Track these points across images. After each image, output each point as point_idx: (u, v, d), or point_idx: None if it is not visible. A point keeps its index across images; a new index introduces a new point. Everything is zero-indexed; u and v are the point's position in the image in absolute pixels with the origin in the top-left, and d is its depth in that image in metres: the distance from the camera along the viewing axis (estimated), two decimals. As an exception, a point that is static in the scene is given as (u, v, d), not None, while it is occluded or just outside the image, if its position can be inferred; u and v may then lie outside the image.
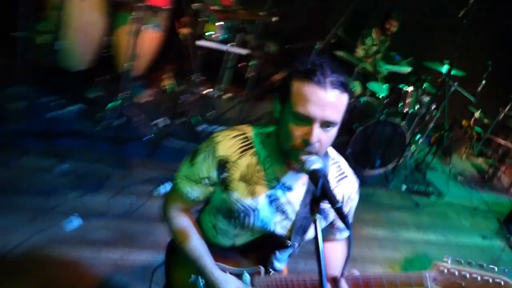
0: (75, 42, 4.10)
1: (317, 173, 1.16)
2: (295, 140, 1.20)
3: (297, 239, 1.41)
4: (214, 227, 1.48)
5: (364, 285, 1.35)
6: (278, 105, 1.28)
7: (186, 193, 1.40)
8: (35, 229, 2.71)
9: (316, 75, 1.15)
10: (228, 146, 1.34)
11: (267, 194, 1.35)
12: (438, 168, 5.86)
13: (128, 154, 3.69)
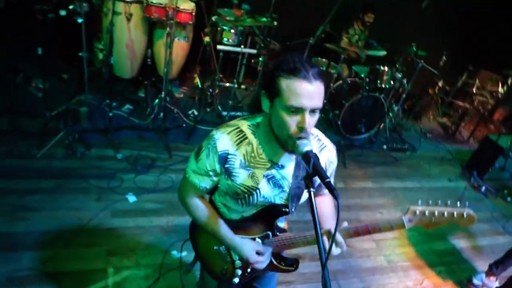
0: (125, 56, 4.06)
1: (309, 154, 1.10)
2: (291, 129, 1.12)
3: (293, 205, 1.36)
4: (225, 206, 1.42)
5: (354, 233, 1.32)
6: (267, 101, 1.17)
7: (197, 184, 1.32)
8: (100, 207, 2.73)
9: (301, 71, 1.07)
10: (226, 141, 1.24)
11: (264, 175, 1.28)
12: (411, 128, 5.67)
13: (170, 140, 3.64)
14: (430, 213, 1.22)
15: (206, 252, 1.56)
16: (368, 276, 2.84)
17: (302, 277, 2.64)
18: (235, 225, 1.41)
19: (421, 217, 1.23)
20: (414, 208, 1.23)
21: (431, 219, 1.23)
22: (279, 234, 1.44)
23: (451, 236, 3.53)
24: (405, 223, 1.25)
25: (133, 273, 2.33)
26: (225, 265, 1.53)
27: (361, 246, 3.11)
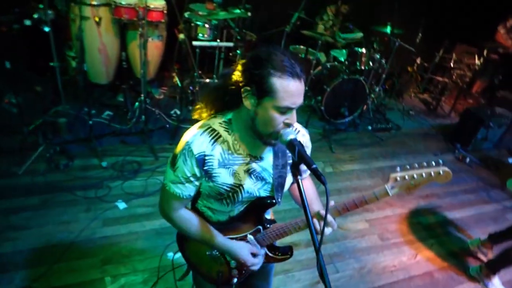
0: (98, 61, 4.00)
1: (293, 142, 1.11)
2: (279, 126, 1.13)
3: (279, 195, 1.36)
4: (210, 209, 1.39)
5: (342, 210, 1.35)
6: (253, 99, 1.13)
7: (179, 194, 1.26)
8: (90, 217, 2.72)
9: (293, 70, 1.07)
10: (200, 142, 1.20)
11: (245, 170, 1.27)
12: (394, 107, 5.77)
13: (154, 142, 3.62)
14: (409, 176, 1.26)
15: (199, 260, 1.54)
16: (364, 256, 2.91)
17: (299, 264, 2.70)
18: (224, 227, 1.40)
19: (402, 182, 1.27)
20: (395, 175, 1.27)
21: (411, 182, 1.27)
22: (270, 226, 1.46)
23: (440, 210, 3.64)
24: (388, 191, 1.28)
25: (131, 279, 2.33)
26: (220, 267, 1.52)
27: (354, 228, 3.19)
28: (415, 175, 1.26)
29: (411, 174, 1.26)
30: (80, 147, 3.38)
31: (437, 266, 2.94)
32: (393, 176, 1.27)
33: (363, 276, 2.73)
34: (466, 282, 2.84)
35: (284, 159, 1.34)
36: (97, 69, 4.04)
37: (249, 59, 1.14)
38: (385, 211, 3.47)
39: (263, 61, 1.09)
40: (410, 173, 1.26)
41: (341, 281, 2.65)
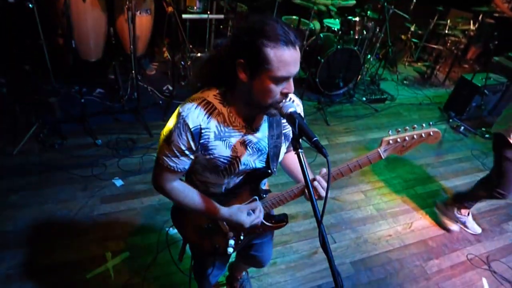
0: (86, 38, 3.89)
1: (293, 115, 1.11)
2: (276, 96, 1.12)
3: (274, 165, 1.36)
4: (205, 183, 1.38)
5: (337, 175, 1.37)
6: (248, 71, 1.10)
7: (173, 167, 1.25)
8: (88, 195, 2.74)
9: (287, 38, 1.04)
10: (196, 116, 1.17)
11: (241, 142, 1.26)
12: (388, 77, 5.74)
13: (148, 119, 3.60)
14: (401, 139, 1.31)
15: (195, 234, 1.56)
16: (360, 226, 2.98)
17: (296, 235, 2.76)
18: (220, 199, 1.41)
19: (394, 145, 1.32)
20: (387, 139, 1.32)
21: (403, 144, 1.33)
22: (265, 195, 1.47)
23: (434, 179, 3.70)
24: (381, 154, 1.32)
25: (131, 254, 2.38)
26: (216, 239, 1.55)
27: (351, 199, 3.24)
28: (406, 137, 1.31)
29: (403, 137, 1.31)
30: (73, 126, 3.35)
31: (431, 234, 3.02)
32: (386, 139, 1.32)
33: (359, 246, 2.80)
34: (459, 249, 2.93)
35: (278, 129, 1.34)
36: (85, 46, 3.93)
37: (241, 30, 1.10)
38: (380, 182, 3.52)
39: (255, 32, 1.06)
40: (402, 136, 1.31)
41: (338, 251, 2.72)
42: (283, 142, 1.37)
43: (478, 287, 2.66)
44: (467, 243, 3.00)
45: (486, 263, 2.83)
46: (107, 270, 2.27)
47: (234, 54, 1.11)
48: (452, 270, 2.75)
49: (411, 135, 1.32)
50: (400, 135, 1.31)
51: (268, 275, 2.44)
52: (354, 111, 4.71)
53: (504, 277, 2.74)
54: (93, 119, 3.43)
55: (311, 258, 2.61)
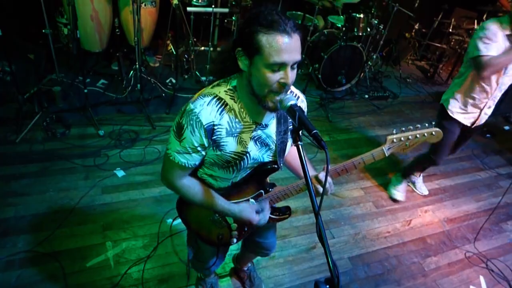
0: (91, 28, 3.88)
1: (293, 108, 1.10)
2: (273, 85, 1.10)
3: (281, 160, 1.38)
4: (212, 177, 1.39)
5: (341, 171, 1.40)
6: (245, 60, 1.11)
7: (185, 163, 1.25)
8: (89, 185, 2.74)
9: (280, 25, 1.03)
10: (208, 112, 1.17)
11: (250, 137, 1.27)
12: (391, 75, 5.71)
13: (151, 111, 3.59)
14: (405, 138, 1.35)
15: (200, 224, 1.57)
16: (359, 222, 2.97)
17: (295, 230, 2.76)
18: (226, 192, 1.41)
19: (398, 143, 1.36)
20: (392, 137, 1.35)
21: (406, 143, 1.37)
22: (271, 189, 1.48)
23: (434, 177, 3.69)
24: (385, 151, 1.35)
25: (131, 244, 2.39)
26: (221, 230, 1.56)
27: (350, 195, 3.23)
28: (410, 136, 1.35)
29: (406, 136, 1.35)
30: (76, 116, 3.35)
31: (430, 232, 3.01)
32: (390, 138, 1.35)
33: (357, 242, 2.80)
34: (458, 247, 2.92)
35: (285, 125, 1.34)
36: (90, 36, 3.93)
37: (243, 21, 1.12)
38: (380, 179, 3.51)
39: (251, 19, 1.08)
40: (405, 134, 1.35)
41: (336, 247, 2.71)
42: (289, 138, 1.38)
43: (475, 285, 2.65)
44: (466, 241, 2.99)
45: (484, 262, 2.82)
46: (107, 259, 2.27)
47: (235, 44, 1.13)
48: (449, 267, 2.74)
49: (414, 134, 1.35)
50: (404, 134, 1.34)
51: (266, 268, 2.44)
52: (356, 108, 4.68)
53: (501, 276, 2.73)
54: (95, 110, 3.43)
55: (309, 252, 2.61)
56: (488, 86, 2.45)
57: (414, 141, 1.36)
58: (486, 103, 2.55)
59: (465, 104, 2.58)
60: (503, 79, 2.41)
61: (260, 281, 2.32)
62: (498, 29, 2.23)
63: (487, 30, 2.23)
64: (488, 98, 2.52)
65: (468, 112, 2.60)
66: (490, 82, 2.42)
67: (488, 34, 2.23)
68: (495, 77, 2.39)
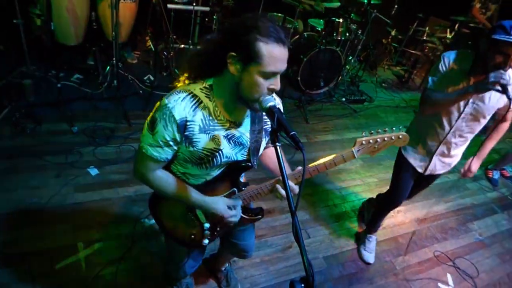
0: (66, 21, 3.73)
1: (272, 109, 1.12)
2: (263, 91, 1.14)
3: (254, 158, 1.38)
4: (185, 174, 1.38)
5: (312, 172, 1.42)
6: (238, 65, 1.12)
7: (157, 157, 1.25)
8: (61, 183, 2.63)
9: (278, 36, 1.07)
10: (182, 108, 1.17)
11: (224, 135, 1.28)
12: (368, 79, 5.82)
13: (127, 108, 3.49)
14: (374, 140, 1.39)
15: (172, 223, 1.56)
16: (334, 222, 3.00)
17: (272, 230, 2.76)
18: (200, 190, 1.41)
19: (367, 145, 1.40)
20: (361, 139, 1.38)
21: (374, 146, 1.41)
22: (244, 188, 1.48)
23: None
24: (355, 153, 1.39)
25: (104, 245, 2.31)
26: (193, 230, 1.55)
27: (326, 196, 3.26)
28: (378, 139, 1.39)
29: (375, 138, 1.39)
30: (48, 111, 3.21)
31: (401, 232, 3.09)
32: (360, 140, 1.38)
33: (332, 241, 2.83)
34: (427, 247, 3.01)
35: (260, 124, 1.36)
36: (65, 29, 3.77)
37: (235, 24, 1.13)
38: (355, 180, 3.56)
39: (250, 27, 1.09)
40: (374, 137, 1.39)
41: (311, 246, 2.73)
42: (264, 137, 1.40)
43: (443, 282, 2.73)
44: (435, 241, 3.09)
45: (451, 260, 2.92)
46: (78, 260, 2.18)
47: (226, 47, 1.13)
48: (419, 266, 2.81)
49: (382, 137, 1.39)
50: (372, 136, 1.39)
51: (243, 269, 2.43)
52: (333, 111, 4.74)
53: (467, 273, 2.84)
54: (69, 105, 3.30)
55: (285, 252, 2.61)
56: (438, 127, 2.07)
57: (383, 143, 1.41)
58: (438, 148, 2.14)
59: (416, 145, 2.22)
60: (458, 123, 2.00)
61: (236, 281, 2.30)
62: (455, 63, 1.90)
63: (443, 61, 1.92)
64: (440, 142, 2.11)
65: (419, 154, 2.23)
66: (440, 122, 2.04)
67: (441, 66, 1.92)
68: (446, 118, 2.01)
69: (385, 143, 1.41)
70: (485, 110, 1.94)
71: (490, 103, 1.92)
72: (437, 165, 2.23)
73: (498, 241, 3.28)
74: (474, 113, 1.96)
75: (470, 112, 1.96)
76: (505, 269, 2.99)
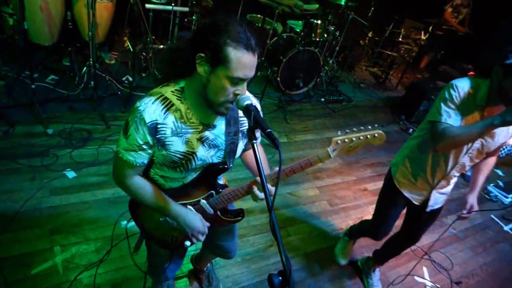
0: (40, 20, 3.64)
1: (249, 107, 1.12)
2: (229, 96, 1.14)
3: (231, 160, 1.38)
4: (163, 177, 1.38)
5: (289, 172, 1.40)
6: (206, 66, 1.12)
7: (133, 161, 1.24)
8: (36, 186, 2.55)
9: (249, 43, 1.07)
10: (152, 111, 1.17)
11: (197, 138, 1.27)
12: (346, 80, 5.92)
13: (105, 110, 3.43)
14: (349, 139, 1.36)
15: (153, 226, 1.55)
16: (314, 220, 3.05)
17: (253, 229, 2.77)
18: (177, 193, 1.40)
19: (342, 145, 1.37)
20: (336, 139, 1.36)
21: (350, 145, 1.37)
22: (222, 190, 1.48)
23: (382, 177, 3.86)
24: (330, 153, 1.37)
25: (82, 248, 2.26)
26: (174, 232, 1.54)
27: (306, 194, 3.30)
28: (353, 138, 1.36)
29: (350, 137, 1.36)
30: (22, 113, 3.11)
31: (380, 227, 3.16)
32: (335, 139, 1.36)
33: (312, 239, 2.86)
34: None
35: (236, 126, 1.35)
36: (39, 28, 3.67)
37: (206, 25, 1.12)
38: (335, 178, 3.62)
39: (220, 29, 1.08)
40: (349, 136, 1.36)
41: (292, 244, 2.76)
42: (240, 139, 1.39)
43: (419, 275, 2.82)
44: (412, 237, 3.17)
45: (427, 254, 3.01)
46: (55, 265, 2.13)
47: (196, 48, 1.12)
48: (396, 260, 2.88)
49: (357, 136, 1.36)
50: (348, 135, 1.36)
51: (224, 268, 2.43)
52: (313, 111, 4.80)
53: (442, 266, 2.94)
54: (44, 107, 3.22)
55: (266, 251, 2.63)
56: (443, 163, 1.89)
57: (358, 142, 1.38)
58: (439, 183, 1.97)
59: (415, 176, 2.02)
60: (464, 158, 1.84)
61: (218, 281, 2.31)
62: (469, 93, 1.68)
63: (456, 91, 1.69)
64: (442, 178, 1.95)
65: (417, 190, 2.05)
66: (447, 158, 1.86)
67: (455, 96, 1.69)
68: (453, 154, 1.83)
69: (361, 142, 1.38)
70: (492, 146, 1.80)
71: (499, 140, 1.78)
72: (437, 198, 2.05)
73: (471, 235, 3.41)
74: (480, 149, 1.81)
75: (477, 148, 1.80)
76: (477, 261, 3.11)
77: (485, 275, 2.99)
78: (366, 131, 1.37)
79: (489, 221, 3.66)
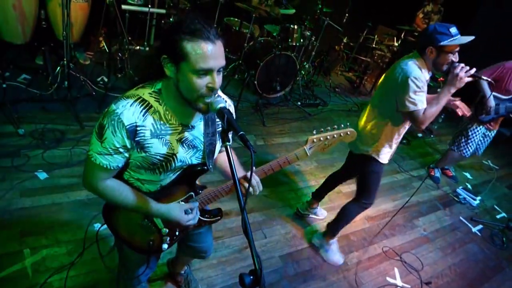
0: (13, 18, 3.53)
1: (223, 111, 1.13)
2: (201, 90, 1.13)
3: (210, 162, 1.39)
4: (139, 180, 1.35)
5: (268, 171, 1.45)
6: (171, 66, 1.13)
7: (106, 165, 1.21)
8: (5, 187, 2.48)
9: (203, 32, 1.06)
10: (131, 113, 1.15)
11: (177, 139, 1.27)
12: (322, 84, 6.03)
13: (79, 110, 3.36)
14: (324, 138, 1.47)
15: (128, 231, 1.50)
16: (289, 222, 3.08)
17: (229, 231, 2.78)
18: (155, 196, 1.38)
19: (318, 143, 1.48)
20: (312, 138, 1.46)
21: (325, 143, 1.50)
22: (201, 191, 1.48)
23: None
24: (307, 151, 1.46)
25: (53, 251, 2.21)
26: (151, 236, 1.51)
27: (282, 196, 3.34)
28: (328, 136, 1.48)
29: (325, 136, 1.48)
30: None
31: (353, 229, 3.23)
32: (311, 138, 1.46)
33: (288, 240, 2.90)
34: (376, 243, 3.17)
35: (213, 127, 1.36)
36: (11, 27, 3.56)
37: (166, 28, 1.15)
38: (310, 181, 3.68)
39: (175, 27, 1.09)
40: (324, 135, 1.48)
41: (268, 246, 2.78)
42: (218, 140, 1.40)
43: (390, 276, 2.90)
44: (383, 237, 3.26)
45: (398, 255, 3.10)
46: (24, 268, 2.07)
47: (160, 51, 1.14)
48: (369, 261, 2.96)
49: (332, 134, 1.48)
50: (323, 134, 1.46)
51: (200, 270, 2.42)
52: (289, 114, 4.86)
53: (412, 267, 3.03)
54: (15, 106, 3.12)
55: (242, 253, 2.64)
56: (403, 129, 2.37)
57: (332, 140, 1.50)
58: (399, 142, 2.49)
59: (390, 147, 2.42)
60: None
61: (196, 283, 2.29)
62: (422, 75, 2.08)
63: (419, 80, 2.04)
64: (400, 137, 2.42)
65: (391, 151, 2.47)
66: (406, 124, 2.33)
67: (419, 85, 2.04)
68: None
69: (335, 140, 1.51)
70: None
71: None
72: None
73: (440, 236, 3.53)
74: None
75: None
76: (447, 262, 3.23)
77: (454, 275, 3.10)
78: (339, 129, 1.51)
79: (458, 223, 3.79)
